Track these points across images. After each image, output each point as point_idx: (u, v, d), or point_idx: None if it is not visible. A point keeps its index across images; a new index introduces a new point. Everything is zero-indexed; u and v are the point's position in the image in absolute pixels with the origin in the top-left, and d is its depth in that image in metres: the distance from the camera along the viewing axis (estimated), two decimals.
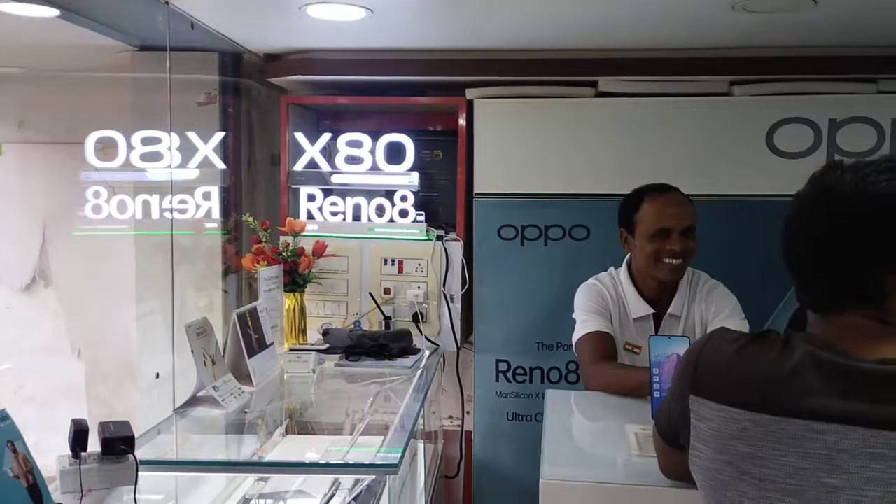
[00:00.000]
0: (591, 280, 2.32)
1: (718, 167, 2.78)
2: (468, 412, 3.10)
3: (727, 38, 2.59)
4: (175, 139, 2.73)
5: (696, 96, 2.79)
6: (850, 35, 2.53)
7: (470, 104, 2.88)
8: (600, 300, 2.24)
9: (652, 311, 2.23)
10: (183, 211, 2.78)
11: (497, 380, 2.93)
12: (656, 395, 1.65)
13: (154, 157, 2.79)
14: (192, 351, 1.96)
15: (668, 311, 2.23)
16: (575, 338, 2.22)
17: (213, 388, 2.00)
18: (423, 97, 2.98)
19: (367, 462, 1.76)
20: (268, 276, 2.59)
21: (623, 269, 2.29)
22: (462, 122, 2.90)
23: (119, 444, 1.41)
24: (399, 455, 1.71)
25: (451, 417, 3.21)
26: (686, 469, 1.20)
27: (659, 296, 2.23)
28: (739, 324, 2.15)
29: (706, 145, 2.79)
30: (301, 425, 2.37)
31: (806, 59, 2.70)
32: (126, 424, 1.47)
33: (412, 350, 2.72)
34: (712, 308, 2.21)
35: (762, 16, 2.20)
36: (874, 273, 1.05)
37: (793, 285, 1.15)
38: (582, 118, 2.82)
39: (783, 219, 1.15)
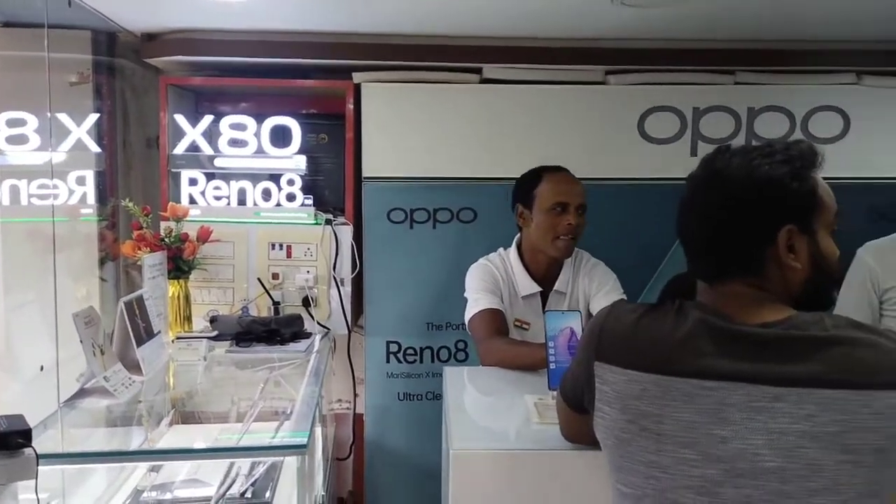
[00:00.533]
0: (481, 260, 2.40)
1: (595, 152, 2.92)
2: (358, 395, 3.13)
3: (604, 30, 2.73)
4: (45, 121, 2.58)
5: (574, 84, 2.92)
6: (713, 30, 2.73)
7: (357, 88, 2.89)
8: (491, 279, 2.32)
9: (539, 288, 2.33)
10: (55, 196, 2.63)
11: (388, 361, 2.97)
12: (552, 366, 1.73)
13: (20, 139, 2.62)
14: (81, 341, 1.88)
15: (555, 287, 2.34)
16: (468, 316, 2.29)
17: (105, 378, 1.93)
18: (309, 80, 2.95)
19: (277, 444, 1.76)
20: (151, 262, 2.51)
21: (512, 249, 2.38)
22: (349, 105, 2.90)
23: (16, 437, 1.35)
24: (307, 435, 1.73)
25: (340, 401, 3.23)
26: (587, 432, 1.29)
27: (546, 274, 2.34)
28: (618, 298, 2.30)
29: (583, 131, 2.93)
30: (192, 414, 2.31)
31: (673, 52, 2.88)
32: (20, 418, 1.41)
33: (303, 334, 2.71)
34: (594, 285, 2.35)
35: (639, 10, 2.33)
36: (756, 247, 1.17)
37: (686, 257, 1.26)
38: (467, 103, 2.90)
39: (679, 199, 1.25)
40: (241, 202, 2.92)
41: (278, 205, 2.91)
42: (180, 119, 2.88)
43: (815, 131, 2.93)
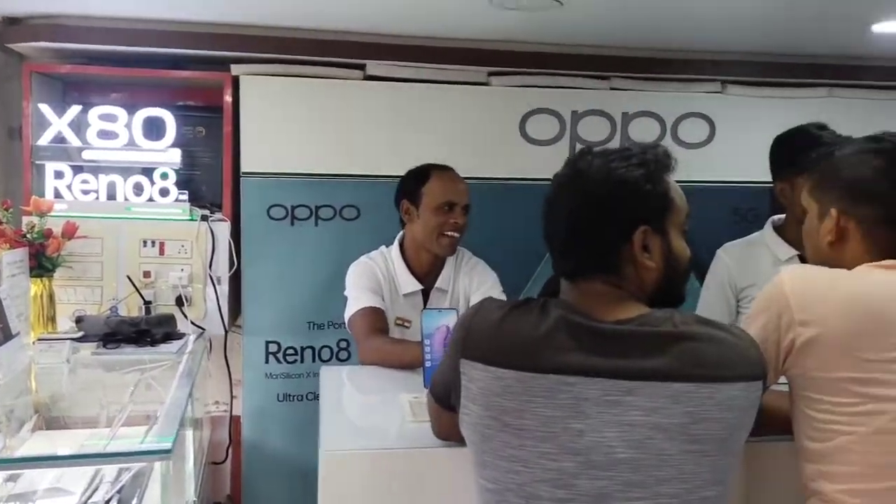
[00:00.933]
0: (362, 258, 2.39)
1: (478, 152, 2.95)
2: (236, 396, 3.05)
3: (486, 32, 2.77)
4: None
5: (458, 84, 2.94)
6: (590, 36, 2.82)
7: (236, 80, 2.81)
8: (372, 277, 2.31)
9: (421, 286, 2.35)
10: None
11: (267, 361, 2.91)
12: (428, 364, 1.74)
13: None
14: None
15: (436, 285, 2.36)
16: (348, 314, 2.28)
17: None
18: (185, 71, 2.85)
19: (138, 450, 1.68)
20: (11, 260, 2.36)
21: (394, 247, 2.38)
22: (227, 98, 2.81)
23: None
24: (172, 440, 1.67)
25: (217, 403, 3.13)
26: (457, 430, 1.30)
27: (428, 272, 2.36)
28: (499, 296, 2.34)
29: (466, 131, 2.95)
30: (54, 419, 2.20)
31: (553, 56, 2.96)
32: None
33: (176, 335, 2.61)
34: (475, 282, 2.39)
35: (516, 12, 2.38)
36: (613, 246, 1.21)
37: (550, 256, 1.29)
38: (351, 100, 2.87)
39: (544, 198, 1.28)
40: (111, 197, 2.79)
41: (151, 200, 2.79)
42: (45, 109, 2.72)
43: (684, 137, 3.07)
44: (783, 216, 2.22)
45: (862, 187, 1.34)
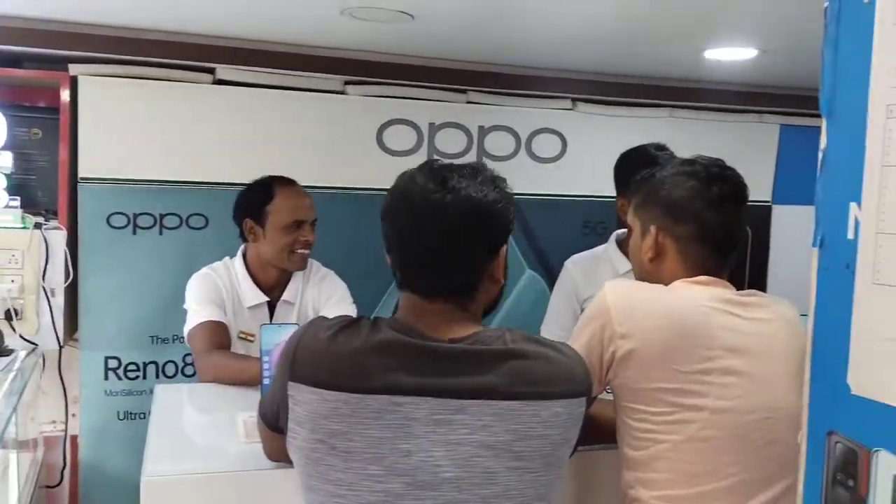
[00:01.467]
0: (204, 269, 2.29)
1: (334, 161, 2.93)
2: (73, 415, 2.86)
3: (342, 40, 2.74)
4: None
5: (314, 92, 2.90)
6: (445, 49, 2.84)
7: (74, 80, 2.64)
8: (213, 289, 2.23)
9: (266, 298, 2.28)
10: None
11: (107, 378, 2.75)
12: (266, 381, 1.69)
13: None
14: None
15: (283, 297, 2.30)
16: (187, 328, 2.18)
17: None
18: (18, 69, 2.66)
19: None
20: None
21: (238, 259, 2.30)
22: (65, 99, 2.64)
23: None
24: None
25: (53, 422, 2.93)
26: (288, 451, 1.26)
27: (275, 284, 2.30)
28: (348, 308, 2.30)
29: (323, 140, 2.92)
30: None
31: (411, 67, 2.96)
32: None
33: (5, 351, 2.44)
34: (324, 294, 2.34)
35: (369, 23, 2.36)
36: (482, 267, 1.22)
37: (398, 272, 1.26)
38: (199, 104, 2.77)
39: (392, 219, 1.25)
40: None
41: None
42: None
43: (538, 151, 3.16)
44: (626, 230, 2.31)
45: (678, 207, 1.41)
